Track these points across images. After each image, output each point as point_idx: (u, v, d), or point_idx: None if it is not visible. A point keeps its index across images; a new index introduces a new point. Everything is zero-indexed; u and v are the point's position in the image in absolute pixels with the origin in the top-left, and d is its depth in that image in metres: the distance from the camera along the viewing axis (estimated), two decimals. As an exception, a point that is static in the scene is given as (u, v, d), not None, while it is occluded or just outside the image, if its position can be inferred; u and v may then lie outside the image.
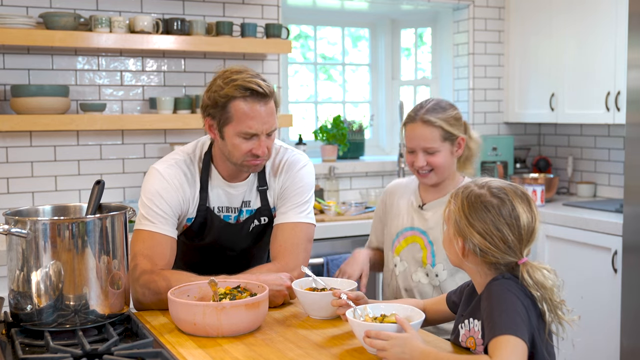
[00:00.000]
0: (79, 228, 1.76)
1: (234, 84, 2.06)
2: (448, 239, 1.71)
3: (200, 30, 3.61)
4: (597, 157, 4.42)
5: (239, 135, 2.09)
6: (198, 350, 1.72)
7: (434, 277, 2.25)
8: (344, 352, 1.71)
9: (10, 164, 3.48)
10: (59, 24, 3.31)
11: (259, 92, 2.07)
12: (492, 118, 4.71)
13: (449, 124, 2.22)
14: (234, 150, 2.11)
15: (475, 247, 1.62)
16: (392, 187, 2.46)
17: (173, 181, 2.16)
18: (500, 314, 1.53)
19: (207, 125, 2.15)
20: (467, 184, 1.72)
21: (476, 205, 1.63)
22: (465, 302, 1.78)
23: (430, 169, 2.24)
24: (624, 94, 3.67)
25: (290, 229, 2.21)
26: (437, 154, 2.22)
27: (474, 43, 4.59)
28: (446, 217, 1.71)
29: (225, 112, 2.08)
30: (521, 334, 1.50)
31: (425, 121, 2.21)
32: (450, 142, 2.23)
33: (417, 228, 2.29)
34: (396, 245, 2.33)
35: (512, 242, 1.60)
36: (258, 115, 2.07)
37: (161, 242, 2.11)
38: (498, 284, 1.60)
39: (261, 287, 1.94)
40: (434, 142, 2.21)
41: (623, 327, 3.30)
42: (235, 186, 2.24)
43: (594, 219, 3.59)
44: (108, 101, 3.65)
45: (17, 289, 1.78)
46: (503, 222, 1.61)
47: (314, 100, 4.73)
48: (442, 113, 2.22)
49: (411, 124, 2.25)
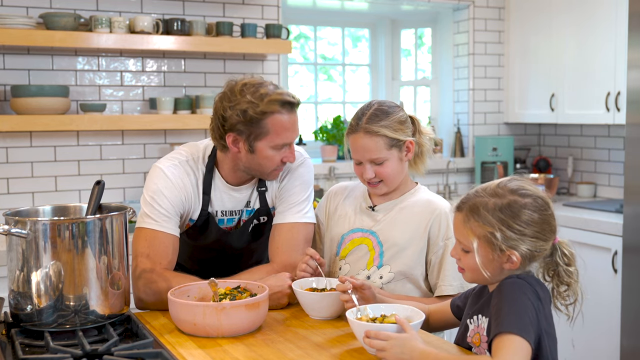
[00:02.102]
0: (79, 228, 1.76)
1: (269, 99, 2.04)
2: (482, 263, 1.62)
3: (200, 31, 3.61)
4: (597, 157, 4.42)
5: (274, 147, 2.09)
6: (198, 351, 1.72)
7: (377, 280, 2.14)
8: (344, 353, 1.71)
9: (11, 164, 3.48)
10: (59, 24, 3.31)
11: (293, 103, 2.09)
12: (492, 118, 4.71)
13: (393, 130, 2.07)
14: (267, 162, 2.11)
15: (531, 251, 1.61)
16: (336, 189, 2.35)
17: (177, 181, 2.15)
18: (509, 312, 1.53)
19: (230, 141, 2.10)
20: (475, 196, 1.65)
21: (519, 213, 1.60)
22: (473, 300, 1.77)
23: (380, 179, 2.12)
24: (624, 94, 3.67)
25: (288, 230, 2.20)
26: (385, 163, 2.09)
27: (474, 43, 4.59)
28: (476, 242, 1.62)
29: (259, 127, 2.06)
30: (527, 335, 1.50)
31: (368, 131, 2.06)
32: (397, 149, 2.10)
33: (367, 229, 2.18)
34: (342, 248, 2.22)
35: (551, 223, 1.64)
36: (292, 126, 2.10)
37: (163, 241, 2.11)
38: (510, 283, 1.60)
39: (261, 288, 1.94)
40: (379, 153, 2.07)
41: (623, 328, 3.30)
42: (240, 190, 2.24)
43: (594, 219, 3.59)
44: (108, 101, 3.65)
45: (17, 289, 1.78)
46: (542, 211, 1.62)
47: (314, 101, 4.73)
48: (385, 119, 2.08)
49: (353, 134, 2.10)
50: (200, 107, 3.65)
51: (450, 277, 2.08)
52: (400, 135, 2.09)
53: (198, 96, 3.67)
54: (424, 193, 2.21)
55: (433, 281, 2.13)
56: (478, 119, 4.66)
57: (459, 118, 4.72)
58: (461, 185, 4.68)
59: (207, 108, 3.60)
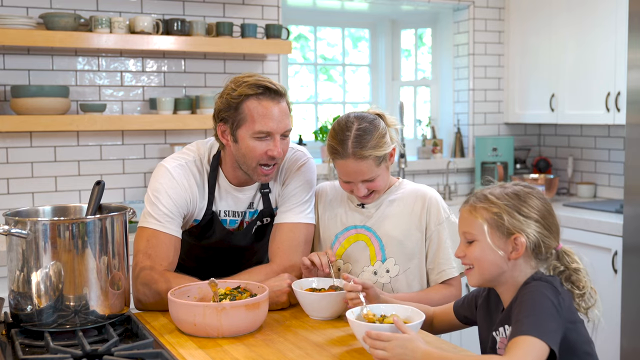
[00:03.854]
0: (79, 228, 1.76)
1: (246, 84, 2.07)
2: (496, 247, 1.63)
3: (200, 31, 3.61)
4: (597, 157, 4.42)
5: (254, 135, 2.07)
6: (198, 351, 1.72)
7: (384, 274, 2.16)
8: (344, 353, 1.71)
9: (11, 164, 3.48)
10: (59, 24, 3.31)
11: (271, 89, 2.07)
12: (492, 119, 4.71)
13: (380, 148, 2.08)
14: (249, 153, 2.09)
15: (537, 237, 1.62)
16: (320, 190, 2.34)
17: (182, 181, 2.15)
18: (529, 315, 1.53)
19: (220, 132, 2.13)
20: (480, 192, 1.69)
21: (525, 197, 1.64)
22: (485, 311, 1.77)
23: (372, 191, 2.15)
24: (624, 94, 3.67)
25: (289, 230, 2.20)
26: (377, 178, 2.12)
27: (474, 44, 4.59)
28: (485, 225, 1.64)
29: (238, 113, 2.07)
30: (544, 337, 1.48)
31: (358, 157, 2.06)
32: (384, 161, 2.12)
33: (361, 226, 2.20)
34: (337, 248, 2.23)
35: (556, 226, 1.66)
36: (272, 114, 2.07)
37: (165, 242, 2.10)
38: (531, 287, 1.59)
39: (261, 288, 1.94)
40: (371, 173, 2.09)
41: (623, 328, 3.29)
42: (243, 190, 2.23)
43: (594, 220, 3.59)
44: (108, 102, 3.65)
45: (17, 289, 1.78)
46: (548, 207, 1.66)
47: (314, 101, 4.73)
48: (370, 140, 2.07)
49: (342, 160, 2.09)
50: (201, 107, 3.65)
51: (451, 259, 2.13)
52: (385, 149, 2.11)
53: (198, 96, 3.67)
54: (408, 184, 2.26)
55: (431, 266, 2.16)
56: (478, 119, 4.66)
57: (459, 118, 4.72)
58: (461, 185, 4.68)
59: (207, 108, 3.60)
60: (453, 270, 2.14)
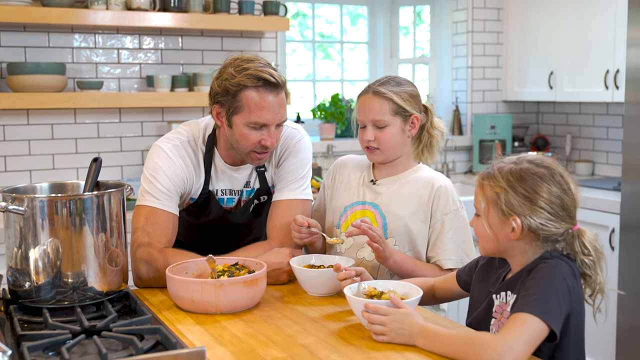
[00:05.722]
0: (77, 205, 1.76)
1: (245, 73, 2.04)
2: (489, 226, 1.63)
3: (197, 8, 3.58)
4: (596, 135, 4.42)
5: (249, 125, 2.07)
6: (196, 327, 1.73)
7: None
8: (342, 329, 1.72)
9: (8, 142, 3.47)
10: (55, 1, 3.28)
11: (271, 82, 2.05)
12: (490, 96, 4.70)
13: (402, 98, 2.11)
14: (242, 140, 2.10)
15: (535, 222, 1.58)
16: (344, 160, 2.36)
17: (178, 160, 2.15)
18: (537, 292, 1.51)
19: (215, 113, 2.12)
20: (496, 164, 1.66)
21: (528, 178, 1.59)
22: (483, 274, 1.77)
23: (378, 146, 2.14)
24: (622, 72, 3.65)
25: (286, 207, 2.20)
26: (386, 129, 2.12)
27: (472, 21, 4.56)
28: (484, 203, 1.64)
29: (235, 100, 2.06)
30: (546, 316, 1.48)
31: (376, 92, 2.11)
32: (402, 118, 2.12)
33: (369, 202, 2.20)
34: (343, 220, 2.22)
35: (569, 208, 1.60)
36: (269, 106, 2.06)
37: (163, 219, 2.11)
38: (547, 266, 1.56)
39: (259, 265, 1.94)
40: (382, 115, 2.10)
41: (620, 305, 3.31)
42: (239, 170, 2.24)
43: (592, 197, 3.59)
44: (105, 79, 3.64)
45: (15, 266, 1.78)
46: (559, 189, 1.59)
47: (312, 79, 4.71)
48: (396, 87, 2.13)
49: (362, 96, 2.16)
50: (198, 84, 3.64)
51: (449, 251, 2.10)
52: (407, 105, 2.13)
53: (195, 74, 3.65)
54: (426, 171, 2.23)
55: (430, 254, 2.14)
56: (476, 97, 4.65)
57: (458, 96, 4.71)
58: (459, 163, 4.68)
59: (205, 86, 3.58)
60: (448, 262, 2.10)
